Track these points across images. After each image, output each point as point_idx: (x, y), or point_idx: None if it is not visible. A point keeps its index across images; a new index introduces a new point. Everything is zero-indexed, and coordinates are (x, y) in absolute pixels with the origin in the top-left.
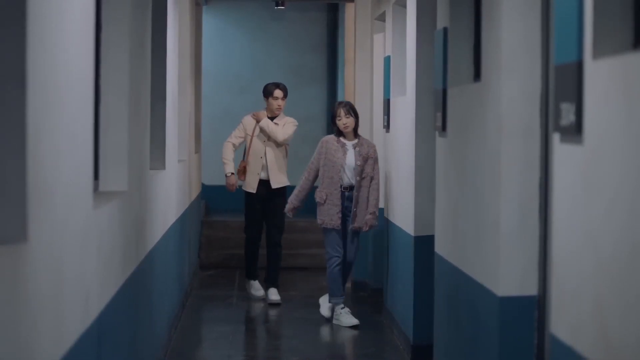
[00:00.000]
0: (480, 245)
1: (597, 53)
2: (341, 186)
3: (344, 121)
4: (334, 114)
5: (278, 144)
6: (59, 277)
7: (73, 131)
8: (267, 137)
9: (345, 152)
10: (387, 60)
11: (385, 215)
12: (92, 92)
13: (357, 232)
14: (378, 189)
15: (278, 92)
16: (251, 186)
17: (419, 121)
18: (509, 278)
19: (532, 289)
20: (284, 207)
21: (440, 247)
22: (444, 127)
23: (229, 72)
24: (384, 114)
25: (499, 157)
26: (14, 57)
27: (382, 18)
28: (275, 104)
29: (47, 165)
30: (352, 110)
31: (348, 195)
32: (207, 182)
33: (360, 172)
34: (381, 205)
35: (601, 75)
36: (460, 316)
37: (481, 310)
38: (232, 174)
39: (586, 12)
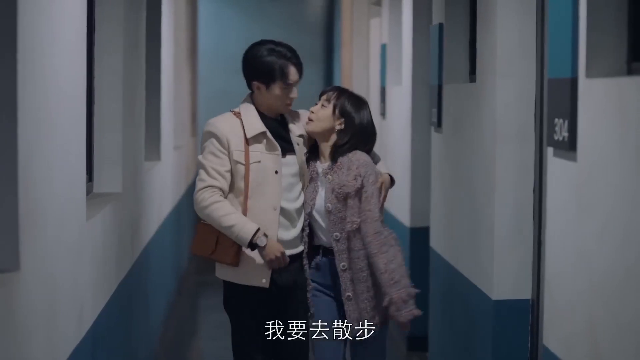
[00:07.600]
0: (475, 247)
1: (591, 72)
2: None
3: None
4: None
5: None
6: (52, 295)
7: (66, 145)
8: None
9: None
10: (383, 48)
11: None
12: (84, 101)
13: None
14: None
15: (294, 73)
16: (258, 277)
17: (415, 112)
18: (503, 281)
19: (526, 293)
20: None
21: (436, 243)
22: (439, 124)
23: (225, 52)
24: (381, 101)
25: (494, 161)
26: (4, 76)
27: (379, 3)
28: (289, 95)
29: (39, 185)
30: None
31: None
32: None
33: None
34: None
35: (595, 95)
36: (455, 313)
37: (475, 311)
38: (265, 235)
39: (580, 28)
